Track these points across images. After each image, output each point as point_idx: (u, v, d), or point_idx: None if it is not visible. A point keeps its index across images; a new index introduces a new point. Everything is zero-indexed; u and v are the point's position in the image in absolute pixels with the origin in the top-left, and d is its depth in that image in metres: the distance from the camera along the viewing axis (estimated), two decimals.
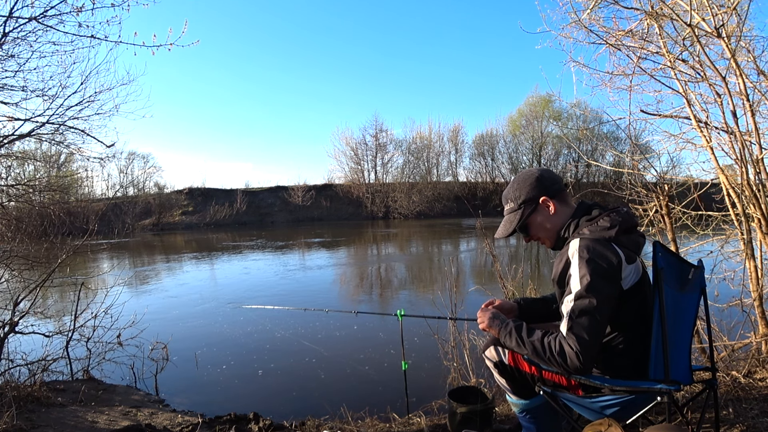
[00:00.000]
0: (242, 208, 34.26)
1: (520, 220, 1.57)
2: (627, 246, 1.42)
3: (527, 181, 1.58)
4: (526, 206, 1.57)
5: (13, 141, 3.86)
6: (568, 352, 1.34)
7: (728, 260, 3.26)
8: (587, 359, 1.33)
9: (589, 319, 1.34)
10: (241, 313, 6.81)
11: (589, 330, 1.33)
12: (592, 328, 1.34)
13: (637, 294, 1.44)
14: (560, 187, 1.57)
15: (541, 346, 1.41)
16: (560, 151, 38.25)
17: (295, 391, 4.00)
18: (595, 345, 1.34)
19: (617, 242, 1.40)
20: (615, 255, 1.37)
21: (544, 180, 1.56)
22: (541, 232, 1.58)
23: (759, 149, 2.67)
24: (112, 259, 14.88)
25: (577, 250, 1.39)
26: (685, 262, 1.65)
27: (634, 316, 1.47)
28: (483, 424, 2.20)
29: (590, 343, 1.33)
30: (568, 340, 1.35)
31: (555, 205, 1.54)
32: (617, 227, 1.41)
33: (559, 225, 1.54)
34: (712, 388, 1.65)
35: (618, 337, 1.49)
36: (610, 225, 1.42)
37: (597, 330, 1.34)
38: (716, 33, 2.64)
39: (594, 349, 1.35)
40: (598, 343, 1.37)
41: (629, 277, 1.41)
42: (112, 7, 3.25)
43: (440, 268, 10.97)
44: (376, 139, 38.65)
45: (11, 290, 4.48)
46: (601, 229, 1.42)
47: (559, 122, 36.76)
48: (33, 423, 2.75)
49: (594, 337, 1.34)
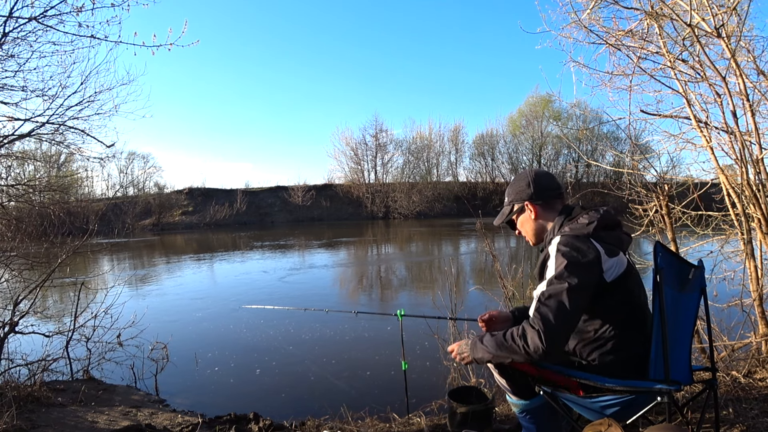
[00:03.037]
0: (242, 208, 34.28)
1: (506, 216, 1.76)
2: (607, 241, 1.47)
3: (519, 184, 1.72)
4: (513, 206, 1.73)
5: (13, 141, 3.86)
6: (530, 334, 1.36)
7: (728, 260, 3.26)
8: (550, 341, 1.33)
9: (557, 302, 1.35)
10: (241, 313, 6.81)
11: (556, 312, 1.34)
12: (560, 311, 1.34)
13: (621, 286, 1.47)
14: (550, 194, 1.66)
15: (504, 336, 1.44)
16: (560, 151, 38.34)
17: (295, 391, 4.00)
18: (560, 328, 1.35)
19: (596, 237, 1.46)
20: (593, 248, 1.42)
21: (534, 186, 1.67)
22: (523, 230, 1.74)
23: (759, 149, 2.67)
24: (112, 259, 14.88)
25: (556, 245, 1.47)
26: (685, 262, 1.65)
27: (622, 310, 1.50)
28: (483, 424, 2.20)
29: (555, 325, 1.33)
30: (532, 321, 1.37)
31: (537, 210, 1.66)
32: (595, 223, 1.49)
33: (538, 227, 1.68)
34: (712, 388, 1.65)
35: (608, 331, 1.51)
36: (588, 221, 1.50)
37: (565, 314, 1.34)
38: (716, 33, 2.64)
39: (560, 333, 1.35)
40: (565, 328, 1.37)
41: (611, 270, 1.44)
42: (112, 7, 3.26)
43: (440, 268, 10.98)
44: (376, 139, 38.75)
45: (11, 290, 4.49)
46: (580, 226, 1.51)
47: (559, 122, 36.81)
48: (33, 423, 2.75)
49: (560, 320, 1.34)
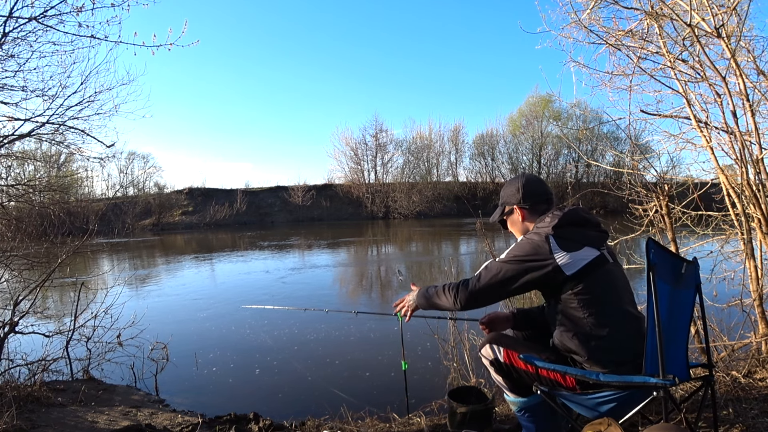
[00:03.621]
0: (242, 208, 34.28)
1: (498, 216, 1.93)
2: (567, 237, 1.59)
3: (511, 188, 1.87)
4: (504, 207, 1.89)
5: (13, 141, 3.86)
6: (459, 287, 1.65)
7: (728, 260, 3.26)
8: (466, 297, 1.63)
9: (491, 274, 1.61)
10: (241, 313, 6.81)
11: (485, 281, 1.62)
12: (488, 281, 1.61)
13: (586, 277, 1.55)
14: (538, 200, 1.81)
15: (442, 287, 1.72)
16: (560, 151, 38.26)
17: (295, 391, 4.00)
18: (481, 292, 1.63)
19: (555, 234, 1.59)
20: (545, 243, 1.57)
21: (522, 191, 1.83)
22: (512, 230, 1.92)
23: (759, 149, 2.67)
24: (112, 259, 14.88)
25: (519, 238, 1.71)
26: (678, 257, 1.66)
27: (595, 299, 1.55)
28: (483, 424, 2.20)
29: (478, 290, 1.62)
30: (466, 280, 1.66)
31: (524, 215, 1.83)
32: (556, 221, 1.62)
33: (524, 229, 1.83)
34: (709, 384, 1.65)
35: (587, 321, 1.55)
36: (550, 220, 1.65)
37: (490, 285, 1.61)
38: (716, 33, 2.64)
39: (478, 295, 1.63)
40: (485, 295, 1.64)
41: (571, 264, 1.54)
42: (112, 7, 3.26)
43: (440, 268, 10.98)
44: (376, 139, 38.72)
45: (11, 290, 4.49)
46: (544, 225, 1.65)
47: (559, 122, 36.77)
48: (33, 423, 2.75)
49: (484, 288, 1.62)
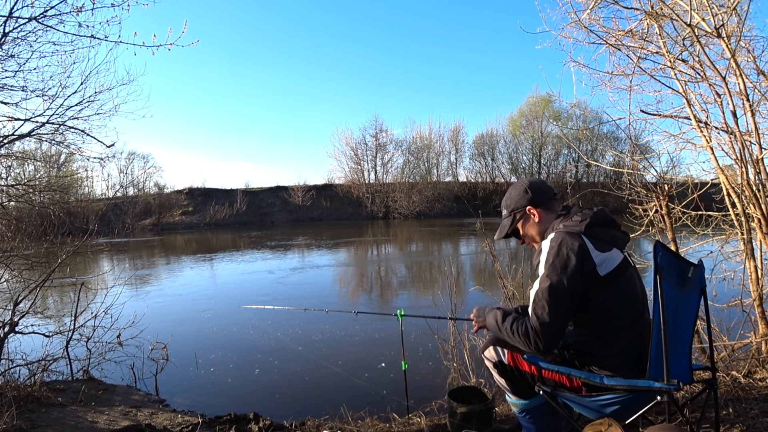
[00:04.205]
0: (242, 208, 34.25)
1: (510, 226, 1.80)
2: (598, 237, 1.54)
3: (516, 193, 1.78)
4: (515, 214, 1.77)
5: (13, 141, 3.86)
6: (531, 333, 1.51)
7: (728, 260, 3.26)
8: (546, 338, 1.49)
9: (549, 299, 1.48)
10: (241, 313, 6.81)
11: (550, 309, 1.48)
12: (552, 307, 1.48)
13: (615, 281, 1.50)
14: (547, 197, 1.74)
15: (511, 327, 1.59)
16: (560, 151, 38.20)
17: (295, 391, 4.00)
18: (554, 323, 1.49)
19: (587, 234, 1.53)
20: (582, 243, 1.50)
21: (531, 191, 1.75)
22: (529, 236, 1.78)
23: (759, 149, 2.67)
24: (112, 259, 14.88)
25: (549, 241, 1.56)
26: (684, 260, 1.66)
27: (617, 306, 1.52)
28: (483, 424, 2.20)
29: (549, 322, 1.48)
30: (530, 321, 1.53)
31: (540, 214, 1.72)
32: (588, 220, 1.56)
33: (543, 230, 1.72)
34: (712, 387, 1.65)
35: (605, 325, 1.53)
36: (581, 219, 1.58)
37: (557, 309, 1.48)
38: (716, 33, 2.64)
39: (554, 327, 1.49)
40: (559, 322, 1.50)
41: (604, 264, 1.49)
42: (112, 7, 3.26)
43: (440, 268, 10.98)
44: (376, 139, 38.64)
45: (11, 290, 4.48)
46: (573, 223, 1.58)
47: (559, 122, 36.72)
48: (33, 423, 2.75)
49: (553, 316, 1.48)
